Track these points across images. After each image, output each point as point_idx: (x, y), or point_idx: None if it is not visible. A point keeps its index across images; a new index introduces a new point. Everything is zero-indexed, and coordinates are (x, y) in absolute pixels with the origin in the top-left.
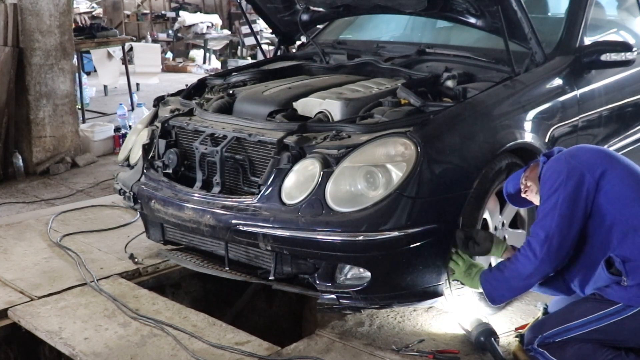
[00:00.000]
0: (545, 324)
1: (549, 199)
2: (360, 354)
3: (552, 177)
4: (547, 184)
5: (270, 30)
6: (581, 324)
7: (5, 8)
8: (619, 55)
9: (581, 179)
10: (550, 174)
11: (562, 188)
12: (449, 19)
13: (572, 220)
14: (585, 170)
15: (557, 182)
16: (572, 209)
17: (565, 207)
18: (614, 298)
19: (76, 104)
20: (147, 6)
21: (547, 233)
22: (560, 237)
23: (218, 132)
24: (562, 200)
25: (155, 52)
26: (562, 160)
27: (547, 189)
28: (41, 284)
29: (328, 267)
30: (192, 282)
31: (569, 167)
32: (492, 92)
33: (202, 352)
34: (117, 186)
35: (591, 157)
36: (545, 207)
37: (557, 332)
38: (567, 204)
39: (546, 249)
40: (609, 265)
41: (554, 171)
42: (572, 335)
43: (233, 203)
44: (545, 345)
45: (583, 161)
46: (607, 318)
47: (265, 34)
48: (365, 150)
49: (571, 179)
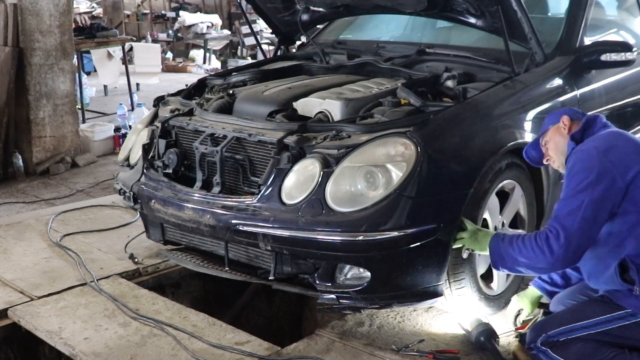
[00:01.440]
0: (550, 323)
1: (574, 197)
2: (360, 354)
3: (581, 173)
4: (575, 179)
5: (270, 30)
6: (588, 325)
7: (5, 8)
8: (619, 55)
9: (611, 183)
10: (580, 168)
11: (590, 190)
12: (449, 19)
13: (594, 223)
14: (617, 173)
15: (585, 182)
16: (596, 213)
17: (590, 211)
18: (623, 304)
19: (76, 104)
20: (147, 6)
21: (568, 234)
22: (581, 239)
23: (218, 132)
24: (587, 203)
25: (155, 52)
26: (594, 157)
27: (574, 184)
28: (41, 284)
29: (328, 267)
30: (192, 282)
31: (600, 167)
32: (492, 92)
33: (202, 352)
34: (117, 186)
35: (626, 154)
36: (569, 203)
37: (562, 331)
38: (593, 208)
39: (564, 250)
40: (622, 271)
41: (585, 167)
42: (577, 335)
43: (233, 203)
44: (548, 344)
45: (616, 161)
46: (615, 322)
47: (265, 34)
48: (365, 150)
49: (601, 182)
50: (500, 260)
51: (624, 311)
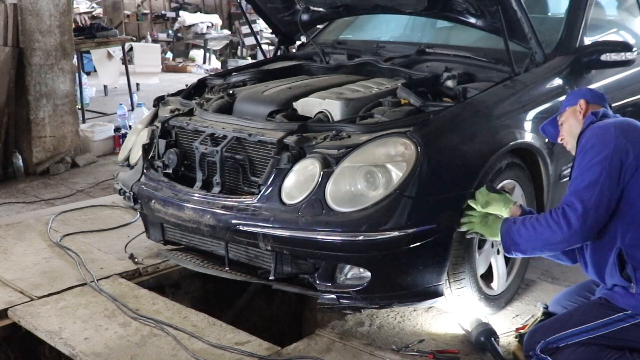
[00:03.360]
0: (547, 329)
1: (590, 170)
2: (360, 354)
3: (597, 146)
4: (591, 153)
5: (270, 30)
6: (587, 330)
7: (5, 8)
8: (619, 55)
9: (625, 157)
10: (596, 142)
11: (608, 162)
12: (449, 19)
13: (610, 196)
14: (631, 149)
15: (602, 154)
16: (613, 186)
17: (608, 184)
18: (620, 304)
19: (76, 104)
20: (147, 6)
21: (586, 206)
22: (597, 213)
23: (218, 132)
24: (605, 176)
25: (155, 52)
26: (611, 133)
27: (590, 156)
28: (41, 284)
29: (328, 267)
30: (192, 282)
31: (617, 142)
32: (492, 92)
33: (202, 352)
34: (117, 186)
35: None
36: (585, 177)
37: (561, 337)
38: (610, 181)
39: (582, 222)
40: (622, 266)
41: (601, 140)
42: (576, 340)
43: (233, 203)
44: (548, 351)
45: (632, 138)
46: (615, 324)
47: (265, 34)
48: (365, 150)
49: (617, 155)
50: (514, 245)
51: (623, 313)
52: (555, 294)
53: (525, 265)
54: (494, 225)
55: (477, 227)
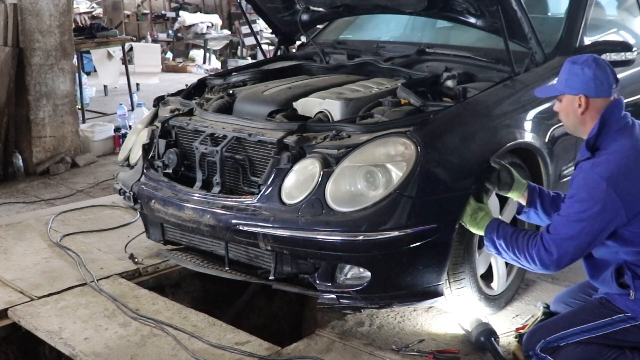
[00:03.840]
0: (548, 328)
1: (574, 223)
2: (360, 354)
3: (586, 202)
4: (579, 206)
5: (270, 30)
6: (588, 329)
7: (5, 8)
8: (619, 55)
9: (614, 217)
10: (586, 197)
11: (592, 221)
12: (449, 19)
13: (588, 247)
14: (622, 206)
15: (588, 212)
16: (593, 240)
17: (587, 240)
18: (621, 306)
19: (76, 104)
20: (147, 6)
21: (561, 255)
22: (572, 259)
23: (218, 132)
24: (587, 233)
25: (155, 52)
26: (602, 190)
27: (576, 209)
28: (41, 284)
29: (328, 267)
30: (192, 282)
31: (605, 200)
32: (492, 92)
33: (202, 352)
34: (117, 186)
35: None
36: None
37: (561, 336)
38: (590, 237)
39: (555, 266)
40: (618, 275)
41: (590, 197)
42: (577, 339)
43: (233, 203)
44: (548, 350)
45: (625, 193)
46: (616, 325)
47: (265, 34)
48: (365, 150)
49: (604, 215)
50: (492, 247)
51: (624, 314)
52: (555, 294)
53: None
54: (482, 222)
55: (467, 219)
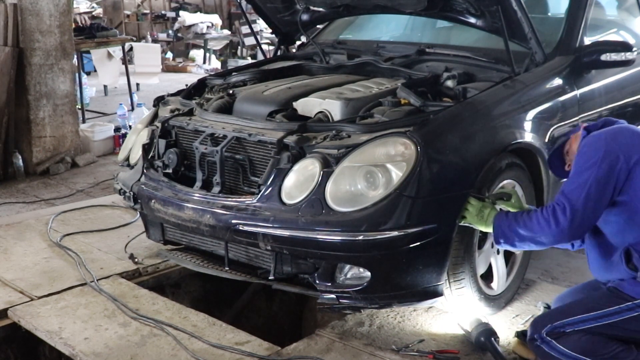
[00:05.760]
0: (556, 314)
1: (581, 174)
2: (360, 354)
3: (588, 152)
4: (583, 159)
5: (270, 30)
6: (596, 317)
7: (5, 8)
8: (619, 55)
9: (615, 162)
10: (587, 149)
11: (596, 167)
12: (449, 19)
13: (598, 200)
14: (621, 153)
15: (591, 160)
16: (601, 191)
17: (595, 188)
18: (630, 293)
19: (76, 104)
20: (147, 6)
21: (573, 206)
22: (585, 214)
23: (218, 132)
24: (593, 180)
25: (155, 52)
26: (602, 140)
27: (581, 163)
28: (41, 284)
29: (328, 267)
30: (192, 282)
31: (607, 148)
32: (492, 92)
33: (202, 352)
34: (117, 186)
35: (632, 141)
36: (576, 180)
37: (569, 322)
38: (597, 185)
39: (569, 221)
40: (628, 258)
41: (592, 147)
42: (584, 327)
43: (233, 203)
44: (553, 334)
45: (622, 144)
46: (624, 313)
47: (265, 34)
48: (365, 150)
49: (606, 160)
50: (503, 236)
51: (633, 302)
52: (555, 294)
53: (525, 265)
54: (489, 217)
55: (473, 220)
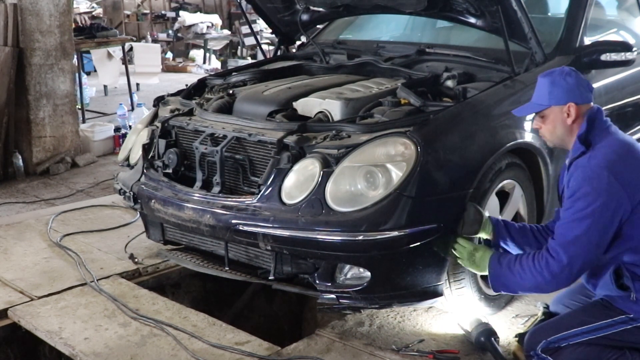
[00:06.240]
0: (549, 328)
1: (579, 221)
2: (360, 354)
3: (589, 196)
4: (581, 202)
5: (270, 30)
6: (589, 330)
7: (5, 8)
8: (619, 55)
9: (618, 207)
10: (588, 191)
11: (598, 215)
12: (449, 19)
13: (598, 247)
14: (626, 195)
15: (592, 206)
16: (602, 237)
17: (596, 237)
18: (622, 307)
19: (76, 104)
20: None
21: (571, 258)
22: (583, 264)
23: (218, 132)
24: (594, 229)
25: (155, 52)
26: (604, 180)
27: (579, 206)
28: (41, 284)
29: (328, 267)
30: (192, 282)
31: (608, 191)
32: (492, 92)
33: (202, 352)
34: (117, 186)
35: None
36: (574, 229)
37: (563, 337)
38: (599, 233)
39: (566, 274)
40: (617, 277)
41: (593, 191)
42: (578, 340)
43: (233, 203)
44: (549, 351)
45: (626, 182)
46: (617, 326)
47: (265, 34)
48: (365, 150)
49: (609, 206)
50: (503, 286)
51: (625, 315)
52: (555, 294)
53: None
54: (482, 263)
55: (465, 263)
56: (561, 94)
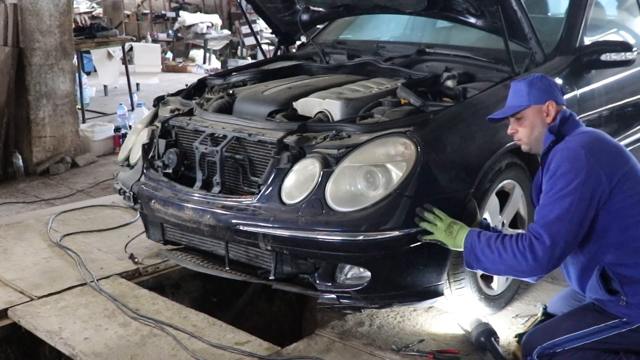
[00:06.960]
0: (544, 333)
1: (560, 200)
2: (360, 354)
3: (568, 174)
4: (562, 181)
5: (270, 30)
6: (583, 335)
7: (5, 8)
8: (618, 55)
9: (597, 184)
10: (568, 169)
11: (578, 192)
12: (449, 19)
13: (580, 227)
14: (603, 174)
15: (573, 184)
16: (583, 216)
17: (577, 216)
18: (613, 312)
19: (76, 104)
20: (147, 6)
21: (554, 239)
22: (565, 245)
23: (218, 132)
24: (575, 208)
25: (155, 52)
26: (582, 158)
27: (560, 185)
28: (41, 284)
29: (328, 267)
30: (192, 282)
31: (588, 168)
32: (492, 92)
33: (202, 352)
34: (117, 186)
35: (611, 156)
36: (555, 208)
37: (557, 342)
38: (579, 213)
39: (549, 255)
40: (605, 282)
41: (572, 168)
42: (573, 345)
43: (233, 203)
44: (545, 356)
45: (603, 162)
46: (611, 330)
47: (265, 34)
48: (365, 150)
49: (588, 184)
50: (476, 261)
51: (619, 320)
52: (555, 294)
53: None
54: (459, 235)
55: (441, 236)
56: (540, 94)
